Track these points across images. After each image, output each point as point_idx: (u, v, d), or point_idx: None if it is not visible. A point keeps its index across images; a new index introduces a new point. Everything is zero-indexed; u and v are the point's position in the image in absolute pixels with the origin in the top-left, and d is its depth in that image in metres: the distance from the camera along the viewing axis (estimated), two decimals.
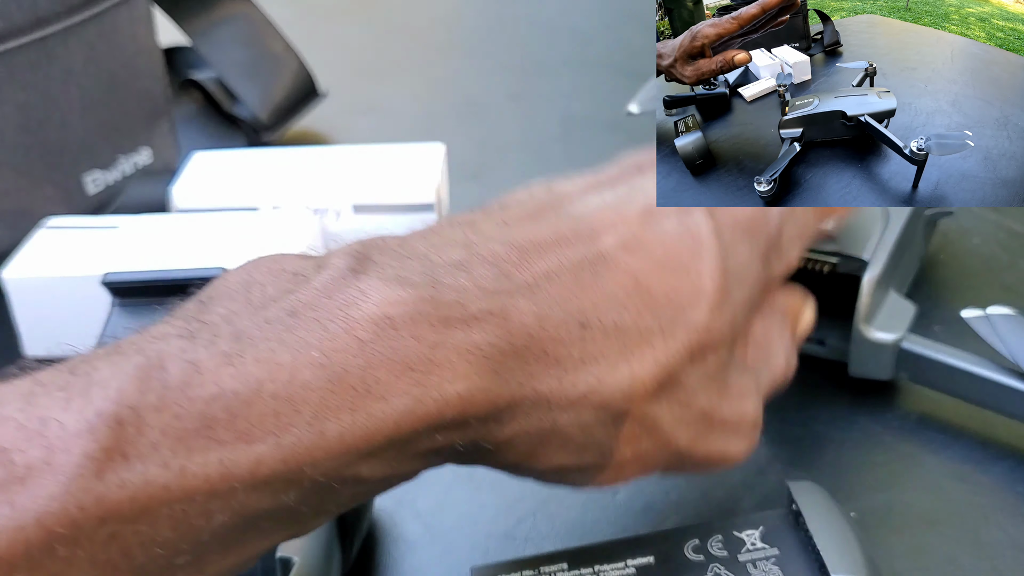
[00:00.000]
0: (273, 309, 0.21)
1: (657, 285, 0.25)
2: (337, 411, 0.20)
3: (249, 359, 0.20)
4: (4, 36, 0.44)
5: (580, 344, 0.23)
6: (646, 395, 0.24)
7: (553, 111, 0.64)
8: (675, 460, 0.26)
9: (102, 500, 0.18)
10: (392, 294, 0.21)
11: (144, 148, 0.52)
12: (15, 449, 0.18)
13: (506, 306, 0.23)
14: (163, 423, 0.19)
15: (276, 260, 0.23)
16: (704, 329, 0.25)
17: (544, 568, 0.28)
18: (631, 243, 0.25)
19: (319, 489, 0.20)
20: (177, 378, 0.19)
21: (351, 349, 0.20)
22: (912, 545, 0.31)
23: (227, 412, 0.19)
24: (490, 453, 0.23)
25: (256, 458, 0.19)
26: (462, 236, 0.25)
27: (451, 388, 0.21)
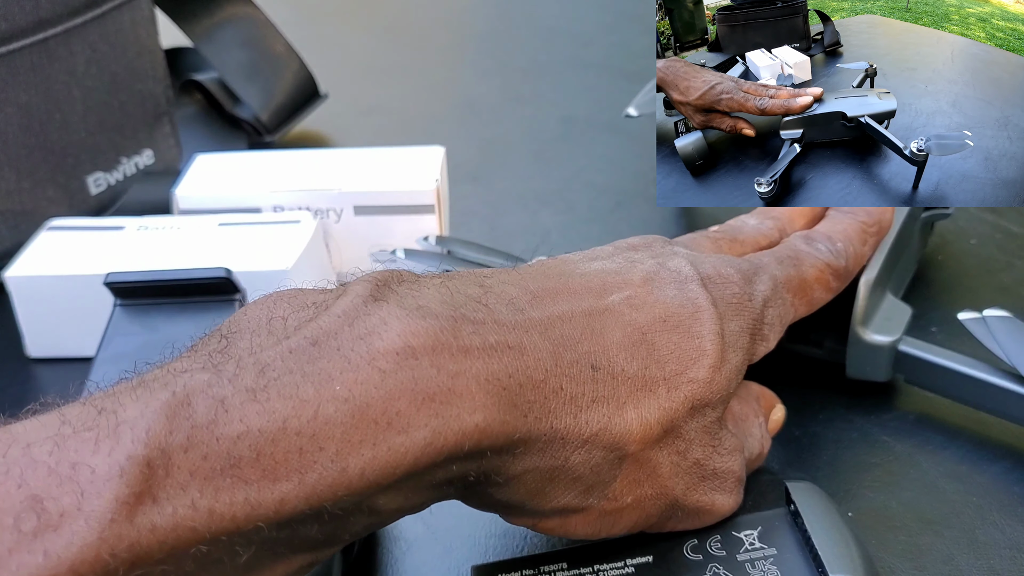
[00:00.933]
0: (295, 338, 0.21)
1: (661, 341, 0.26)
2: (359, 446, 0.20)
3: (274, 394, 0.20)
4: (7, 38, 0.44)
5: (592, 384, 0.24)
6: (651, 439, 0.25)
7: (553, 112, 0.64)
8: (669, 509, 0.27)
9: (134, 545, 0.18)
10: (413, 323, 0.22)
11: (146, 149, 0.52)
12: (47, 496, 0.18)
13: (523, 340, 0.23)
14: (191, 463, 0.19)
15: (296, 294, 0.24)
16: (705, 385, 0.26)
17: (544, 567, 0.28)
18: (636, 302, 0.26)
19: (336, 521, 0.21)
20: (204, 416, 0.19)
21: (373, 380, 0.21)
22: (909, 545, 0.31)
23: (253, 450, 0.19)
24: (499, 487, 0.23)
25: (281, 497, 0.19)
26: (476, 280, 0.25)
27: (470, 418, 0.21)
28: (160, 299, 0.38)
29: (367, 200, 0.45)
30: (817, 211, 0.35)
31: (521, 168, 0.58)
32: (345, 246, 0.46)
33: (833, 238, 0.32)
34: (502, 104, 0.66)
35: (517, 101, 0.67)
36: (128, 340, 0.37)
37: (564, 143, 0.60)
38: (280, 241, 0.41)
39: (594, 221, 0.52)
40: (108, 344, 0.37)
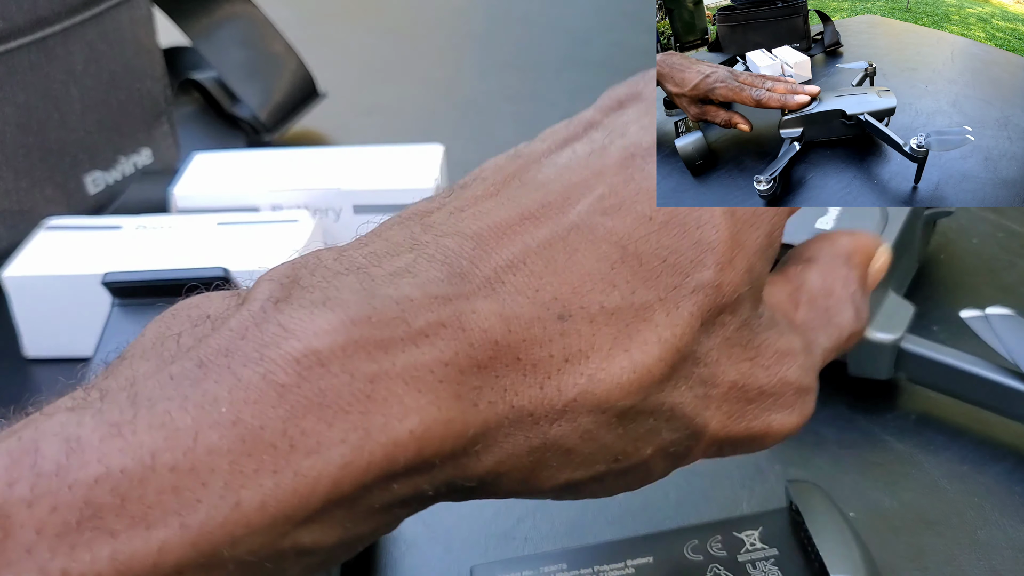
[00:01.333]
0: (181, 362, 0.18)
1: (648, 248, 0.21)
2: (255, 475, 0.17)
3: (141, 427, 0.17)
4: (4, 36, 0.44)
5: (561, 340, 0.19)
6: (654, 382, 0.20)
7: (553, 112, 0.64)
8: (712, 446, 0.22)
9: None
10: (317, 323, 0.18)
11: (144, 148, 0.52)
12: None
13: (461, 313, 0.19)
14: (37, 520, 0.16)
15: (199, 303, 0.20)
16: (714, 287, 0.21)
17: (544, 568, 0.28)
18: (611, 201, 0.21)
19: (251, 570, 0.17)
20: (52, 461, 0.16)
21: (268, 399, 0.17)
22: (911, 545, 0.31)
23: (116, 495, 0.16)
24: (475, 491, 0.20)
25: (158, 546, 0.16)
26: (408, 236, 0.21)
27: (400, 426, 0.18)
28: (158, 299, 0.37)
29: (366, 199, 0.44)
30: None
31: None
32: None
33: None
34: (501, 104, 0.66)
35: (517, 100, 0.67)
36: (126, 340, 0.37)
37: None
38: (279, 240, 0.41)
39: None
40: (106, 344, 0.37)
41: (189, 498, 0.16)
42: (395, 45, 0.78)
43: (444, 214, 0.22)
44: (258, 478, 0.17)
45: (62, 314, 0.41)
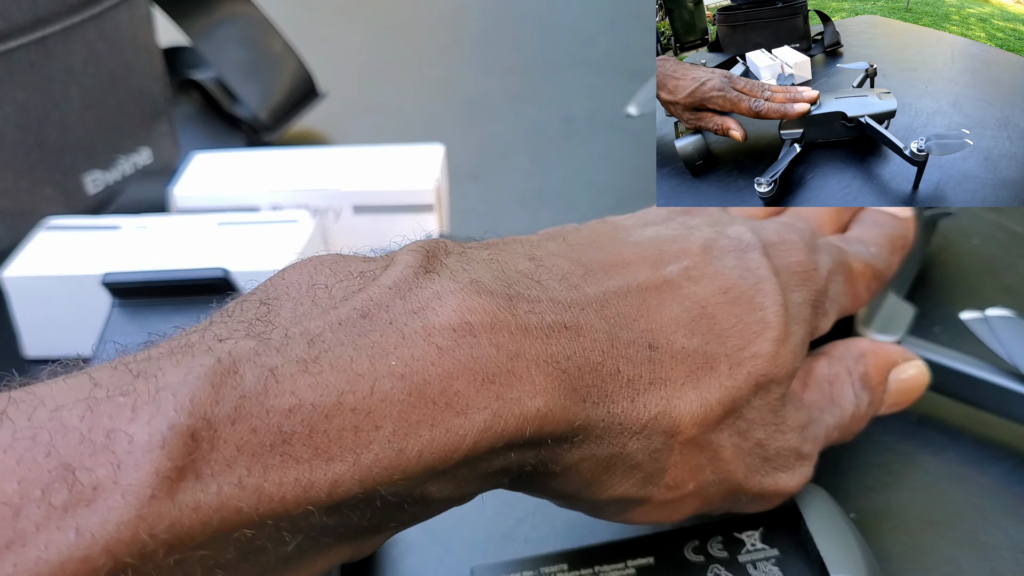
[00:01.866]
0: (343, 309, 0.20)
1: (722, 314, 0.24)
2: (417, 426, 0.19)
3: (326, 366, 0.18)
4: (4, 36, 0.44)
5: (649, 365, 0.23)
6: (712, 421, 0.23)
7: (553, 111, 0.64)
8: (731, 494, 0.25)
9: (175, 525, 0.16)
10: (469, 299, 0.20)
11: (144, 148, 0.52)
12: (80, 466, 0.16)
13: (579, 320, 0.22)
14: (239, 437, 0.17)
15: (337, 260, 0.22)
16: (770, 360, 0.24)
17: (544, 569, 0.27)
18: (694, 273, 0.25)
19: (386, 508, 0.19)
20: (253, 385, 0.17)
21: (430, 357, 0.19)
22: (911, 546, 0.31)
23: (306, 426, 0.18)
24: (554, 477, 0.22)
25: (335, 478, 0.18)
26: (525, 250, 0.24)
27: (531, 403, 0.20)
28: (158, 299, 0.38)
29: (366, 199, 0.44)
30: (843, 218, 0.35)
31: (521, 167, 0.58)
32: (344, 245, 0.45)
33: (867, 243, 0.32)
34: (502, 103, 0.66)
35: (517, 100, 0.67)
36: (126, 340, 0.37)
37: (564, 142, 0.60)
38: (278, 240, 0.41)
39: None
40: (106, 344, 0.37)
41: (364, 439, 0.18)
42: (395, 45, 0.78)
43: (553, 244, 0.25)
44: (418, 429, 0.19)
45: (62, 314, 0.41)
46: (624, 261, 0.25)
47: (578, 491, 0.23)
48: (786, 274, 0.26)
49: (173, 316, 0.37)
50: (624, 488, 0.23)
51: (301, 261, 0.22)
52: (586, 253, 0.24)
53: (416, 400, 0.19)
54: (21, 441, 0.16)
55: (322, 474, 0.18)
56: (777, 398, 0.25)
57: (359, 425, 0.18)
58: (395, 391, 0.18)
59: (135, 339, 0.37)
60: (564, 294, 0.22)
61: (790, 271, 0.26)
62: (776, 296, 0.25)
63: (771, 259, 0.26)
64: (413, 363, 0.19)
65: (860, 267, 0.30)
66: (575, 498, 0.23)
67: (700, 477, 0.24)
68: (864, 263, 0.31)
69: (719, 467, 0.24)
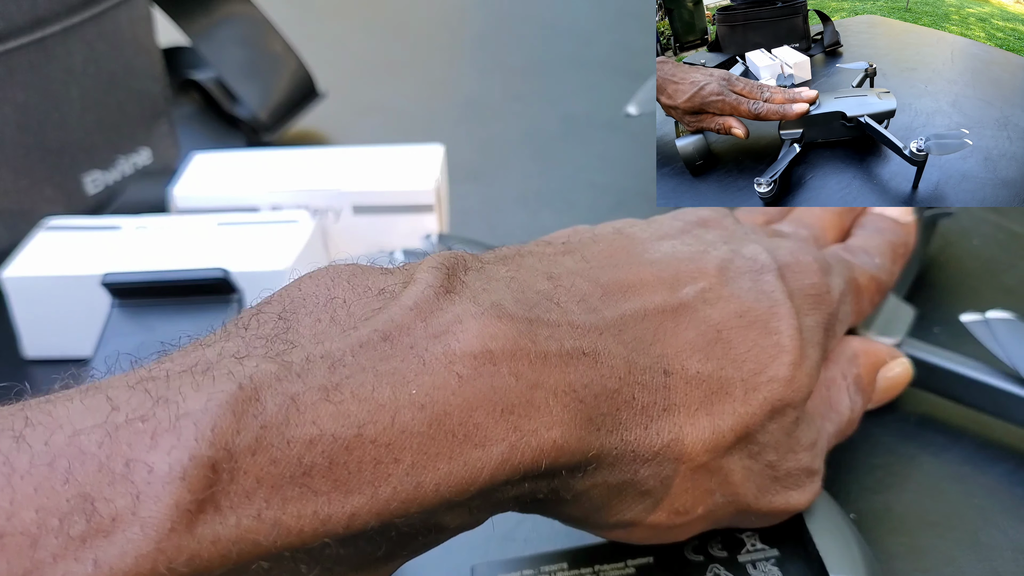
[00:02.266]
0: (364, 330, 0.19)
1: (737, 338, 0.24)
2: (436, 459, 0.18)
3: (348, 395, 0.18)
4: (4, 36, 0.44)
5: (664, 391, 0.23)
6: (724, 448, 0.23)
7: (553, 111, 0.64)
8: (740, 515, 0.25)
9: (193, 559, 0.16)
10: (491, 325, 0.20)
11: (144, 148, 0.52)
12: (99, 496, 0.16)
13: (597, 346, 0.22)
14: (259, 469, 0.17)
15: (355, 273, 0.22)
16: (786, 384, 0.24)
17: (544, 567, 0.27)
18: (710, 296, 0.25)
19: (400, 538, 0.19)
20: (275, 415, 0.17)
21: (450, 386, 0.19)
22: (911, 546, 0.31)
23: (326, 458, 0.17)
24: (564, 503, 0.22)
25: (352, 511, 0.17)
26: (543, 267, 0.24)
27: (548, 435, 0.20)
28: (158, 299, 0.38)
29: (366, 199, 0.44)
30: (844, 222, 0.35)
31: (521, 167, 0.58)
32: (344, 246, 0.45)
33: (871, 252, 0.32)
34: (502, 103, 0.66)
35: (517, 100, 0.67)
36: (125, 340, 0.37)
37: (564, 142, 0.60)
38: (278, 241, 0.41)
39: (594, 221, 0.52)
40: (105, 344, 0.37)
41: (383, 472, 0.18)
42: (395, 45, 0.78)
43: (571, 260, 0.24)
44: (436, 462, 0.18)
45: (61, 314, 0.41)
46: (642, 281, 0.24)
47: (587, 515, 0.23)
48: (800, 297, 0.26)
49: (173, 316, 0.37)
50: (633, 513, 0.23)
51: (318, 271, 0.22)
52: (604, 272, 0.24)
53: (436, 432, 0.18)
54: (39, 468, 0.16)
55: (340, 507, 0.17)
56: (792, 421, 0.25)
57: (379, 458, 0.18)
58: (415, 422, 0.18)
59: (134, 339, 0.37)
60: (583, 318, 0.22)
61: (804, 294, 0.26)
62: (791, 320, 0.25)
63: (786, 281, 0.26)
64: (434, 392, 0.19)
65: (866, 281, 0.30)
66: (583, 521, 0.23)
67: (710, 500, 0.24)
68: (869, 276, 0.31)
69: (729, 490, 0.24)
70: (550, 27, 0.80)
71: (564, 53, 0.74)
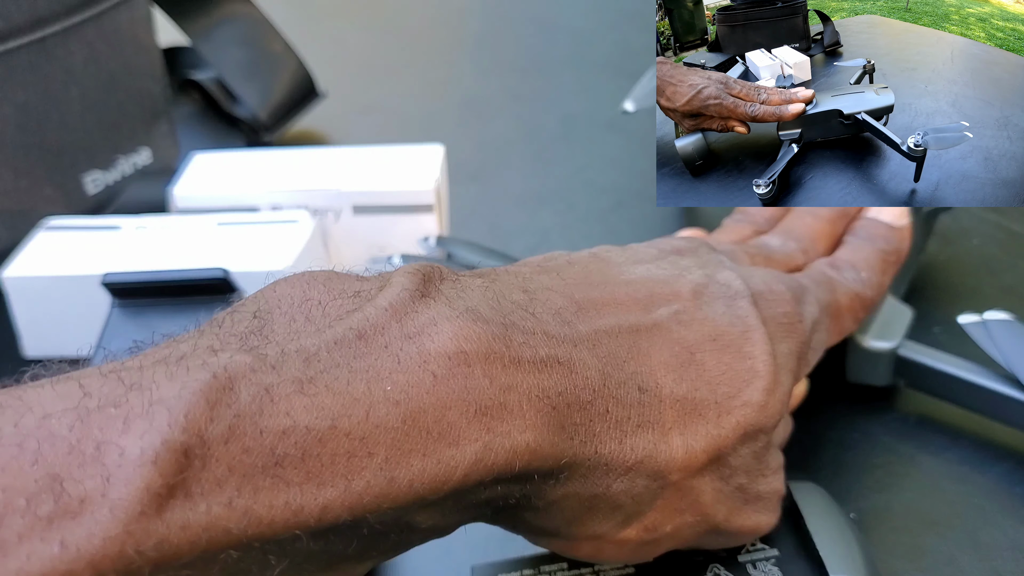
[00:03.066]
0: (338, 328, 0.19)
1: (711, 361, 0.24)
2: (409, 455, 0.18)
3: (322, 388, 0.18)
4: (3, 36, 0.44)
5: (638, 408, 0.23)
6: (695, 468, 0.23)
7: (553, 111, 0.64)
8: (708, 535, 0.25)
9: (162, 543, 0.16)
10: (465, 327, 0.20)
11: (144, 148, 0.52)
12: (68, 477, 0.16)
13: (572, 356, 0.22)
14: (231, 457, 0.17)
15: (331, 277, 0.22)
16: (759, 409, 0.24)
17: (544, 567, 0.27)
18: (684, 318, 0.25)
19: (372, 536, 0.19)
20: (249, 405, 0.17)
21: (425, 385, 0.19)
22: (911, 546, 0.31)
23: (299, 449, 0.17)
24: (536, 512, 0.22)
25: (324, 504, 0.17)
26: (518, 282, 0.24)
27: (521, 437, 0.20)
28: (157, 299, 0.38)
29: (366, 199, 0.44)
30: (837, 230, 0.35)
31: (521, 168, 0.58)
32: (344, 246, 0.45)
33: (858, 267, 0.32)
34: (502, 103, 0.66)
35: (517, 100, 0.67)
36: (125, 340, 0.37)
37: (564, 142, 0.60)
38: (278, 241, 0.41)
39: (594, 221, 0.52)
40: (105, 344, 0.37)
41: (356, 465, 0.18)
42: (395, 45, 0.78)
43: (541, 283, 0.24)
44: (410, 459, 0.18)
45: (61, 314, 0.41)
46: (616, 300, 0.24)
47: (558, 528, 0.23)
48: (773, 324, 0.26)
49: (173, 316, 0.37)
50: (604, 528, 0.23)
51: (294, 275, 0.22)
52: (579, 290, 0.24)
53: (410, 428, 0.19)
54: (7, 448, 0.16)
55: (312, 499, 0.17)
56: (763, 446, 0.25)
57: (352, 451, 0.18)
58: (390, 418, 0.18)
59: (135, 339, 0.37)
60: (557, 329, 0.22)
61: (777, 322, 0.26)
62: (765, 345, 0.25)
63: (759, 308, 0.26)
64: (409, 389, 0.19)
65: (848, 301, 0.31)
66: (553, 535, 0.23)
67: (678, 520, 0.24)
68: (852, 295, 0.31)
69: (698, 510, 0.24)
70: (550, 27, 0.80)
71: (564, 53, 0.74)
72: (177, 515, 0.16)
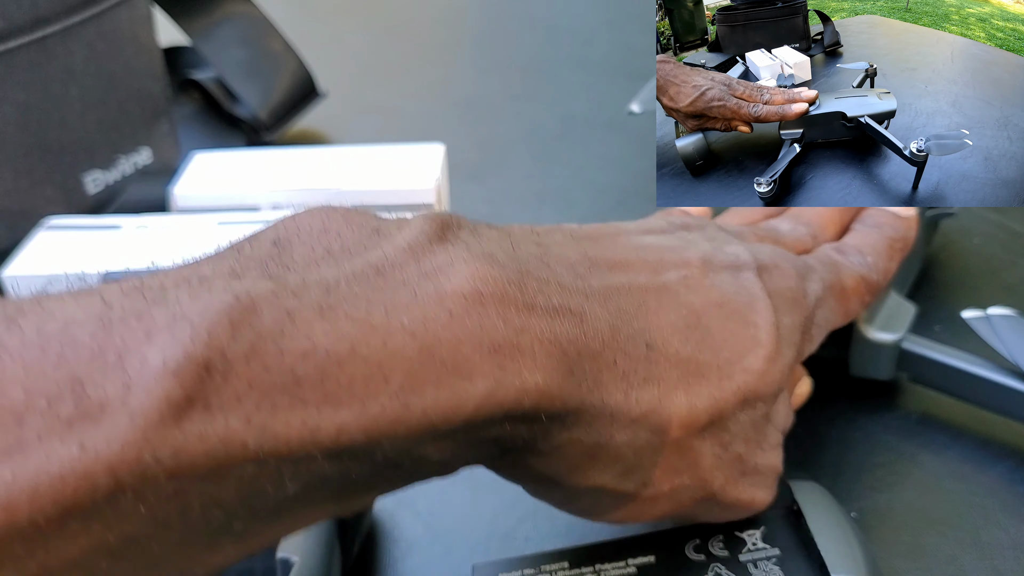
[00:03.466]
0: (357, 261, 0.20)
1: (716, 327, 0.25)
2: (423, 384, 0.19)
3: (342, 315, 0.18)
4: (4, 36, 0.44)
5: (645, 363, 0.23)
6: (696, 426, 0.24)
7: (553, 111, 0.64)
8: (705, 502, 0.26)
9: (179, 452, 0.16)
10: (482, 269, 0.21)
11: (144, 148, 0.52)
12: (89, 382, 0.16)
13: (583, 307, 0.22)
14: (251, 374, 0.17)
15: (351, 212, 0.22)
16: (759, 376, 0.25)
17: (545, 566, 0.27)
18: (692, 283, 0.25)
19: (385, 465, 0.20)
20: (271, 326, 0.17)
21: (441, 320, 0.19)
22: (913, 545, 0.31)
23: (318, 371, 0.18)
24: (539, 456, 0.23)
25: (339, 425, 0.18)
26: (533, 237, 0.24)
27: (531, 377, 0.20)
28: None
29: (366, 199, 0.44)
30: (845, 218, 0.35)
31: (521, 167, 0.58)
32: None
33: (864, 251, 0.32)
34: (502, 103, 0.66)
35: (517, 100, 0.67)
36: None
37: (564, 142, 0.60)
38: None
39: (594, 221, 0.52)
40: None
41: (373, 389, 0.18)
42: (395, 44, 0.78)
43: (554, 238, 0.25)
44: (425, 387, 0.19)
45: None
46: (626, 261, 0.25)
47: (558, 475, 0.23)
48: (778, 297, 0.27)
49: None
50: (603, 479, 0.23)
51: (315, 208, 0.22)
52: (591, 248, 0.25)
53: (425, 359, 0.19)
54: (30, 350, 0.16)
55: (329, 419, 0.18)
56: (761, 415, 0.26)
57: (369, 375, 0.18)
58: (406, 347, 0.19)
59: None
60: (570, 280, 0.23)
61: (781, 295, 0.27)
62: (769, 316, 0.26)
63: (765, 281, 0.27)
64: (425, 323, 0.19)
65: (853, 283, 0.31)
66: (553, 482, 0.24)
67: (676, 480, 0.24)
68: (858, 277, 0.31)
69: (696, 473, 0.25)
70: (550, 27, 0.80)
71: (564, 53, 0.74)
72: (196, 426, 0.16)
